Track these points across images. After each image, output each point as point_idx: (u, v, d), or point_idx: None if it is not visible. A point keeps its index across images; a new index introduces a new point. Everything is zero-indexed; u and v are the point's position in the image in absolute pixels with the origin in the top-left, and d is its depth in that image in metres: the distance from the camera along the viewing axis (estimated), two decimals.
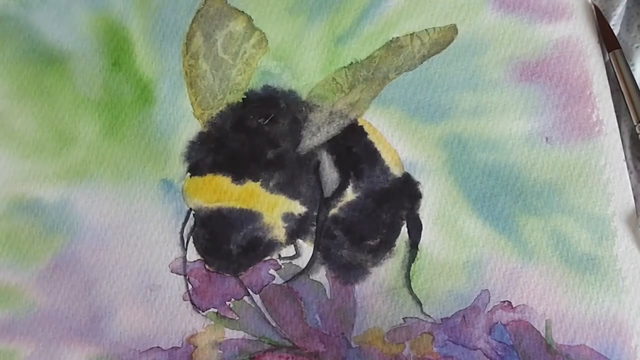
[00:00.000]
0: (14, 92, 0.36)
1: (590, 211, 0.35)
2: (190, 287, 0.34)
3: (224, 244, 0.34)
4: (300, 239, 0.35)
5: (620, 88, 0.36)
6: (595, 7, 0.37)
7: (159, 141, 0.36)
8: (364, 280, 0.34)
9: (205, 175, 0.35)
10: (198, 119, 0.36)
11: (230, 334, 0.34)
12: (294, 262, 0.34)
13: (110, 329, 0.34)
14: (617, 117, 0.36)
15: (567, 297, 0.34)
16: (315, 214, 0.35)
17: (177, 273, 0.34)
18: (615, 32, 0.37)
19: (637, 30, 0.37)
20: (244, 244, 0.34)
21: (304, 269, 0.34)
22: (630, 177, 0.35)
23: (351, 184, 0.35)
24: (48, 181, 0.36)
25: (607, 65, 0.37)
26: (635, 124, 0.36)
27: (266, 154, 0.35)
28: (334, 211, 0.35)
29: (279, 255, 0.34)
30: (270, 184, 0.35)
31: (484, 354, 0.33)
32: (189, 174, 0.35)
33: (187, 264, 0.34)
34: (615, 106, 0.36)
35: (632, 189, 0.35)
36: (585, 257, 0.34)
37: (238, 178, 0.35)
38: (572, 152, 0.35)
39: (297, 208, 0.35)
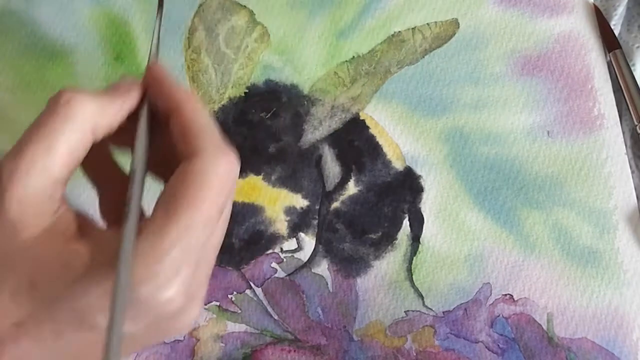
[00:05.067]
0: (17, 86, 0.36)
1: (592, 205, 0.35)
2: None
3: (226, 237, 0.34)
4: (302, 232, 0.35)
5: (621, 88, 0.36)
6: (596, 7, 0.37)
7: None
8: (366, 274, 0.34)
9: None
10: None
11: (232, 327, 0.34)
12: (296, 255, 0.34)
13: None
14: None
15: (569, 290, 0.34)
16: (317, 207, 0.35)
17: None
18: (616, 32, 0.37)
19: (637, 30, 0.37)
20: (246, 237, 0.34)
21: (306, 262, 0.34)
22: (632, 177, 0.35)
23: (353, 178, 0.35)
24: None
25: (608, 65, 0.37)
26: (636, 123, 0.36)
27: (268, 147, 0.35)
28: (335, 205, 0.35)
29: (281, 249, 0.34)
30: (272, 177, 0.35)
31: (486, 347, 0.33)
32: None
33: None
34: (615, 106, 0.36)
35: (635, 189, 0.35)
36: (586, 251, 0.34)
37: (240, 172, 0.35)
38: (573, 145, 0.36)
39: (299, 202, 0.35)
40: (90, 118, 0.24)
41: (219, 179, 0.23)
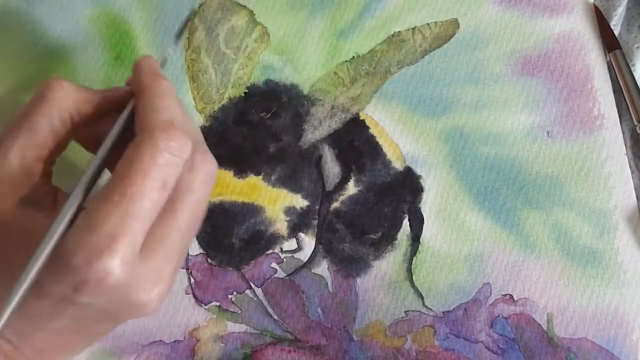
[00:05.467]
0: (17, 86, 0.36)
1: (592, 205, 0.35)
2: (192, 280, 0.34)
3: (226, 237, 0.34)
4: (302, 232, 0.35)
5: (621, 88, 0.36)
6: (596, 7, 0.37)
7: None
8: (366, 274, 0.34)
9: None
10: (200, 113, 0.36)
11: (233, 327, 0.34)
12: (296, 255, 0.34)
13: None
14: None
15: (569, 290, 0.34)
16: (317, 207, 0.35)
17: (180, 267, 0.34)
18: (616, 32, 0.37)
19: (637, 30, 0.37)
20: (246, 237, 0.34)
21: (305, 263, 0.34)
22: (632, 177, 0.35)
23: (353, 178, 0.35)
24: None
25: (608, 65, 0.37)
26: (635, 123, 0.36)
27: (268, 148, 0.35)
28: (335, 205, 0.35)
29: (281, 249, 0.34)
30: (272, 177, 0.35)
31: (486, 347, 0.33)
32: None
33: (189, 257, 0.34)
34: (615, 106, 0.36)
35: (635, 189, 0.35)
36: (586, 251, 0.34)
37: (240, 172, 0.35)
38: (573, 146, 0.36)
39: (299, 202, 0.35)
40: (72, 104, 0.26)
41: (159, 154, 0.23)
